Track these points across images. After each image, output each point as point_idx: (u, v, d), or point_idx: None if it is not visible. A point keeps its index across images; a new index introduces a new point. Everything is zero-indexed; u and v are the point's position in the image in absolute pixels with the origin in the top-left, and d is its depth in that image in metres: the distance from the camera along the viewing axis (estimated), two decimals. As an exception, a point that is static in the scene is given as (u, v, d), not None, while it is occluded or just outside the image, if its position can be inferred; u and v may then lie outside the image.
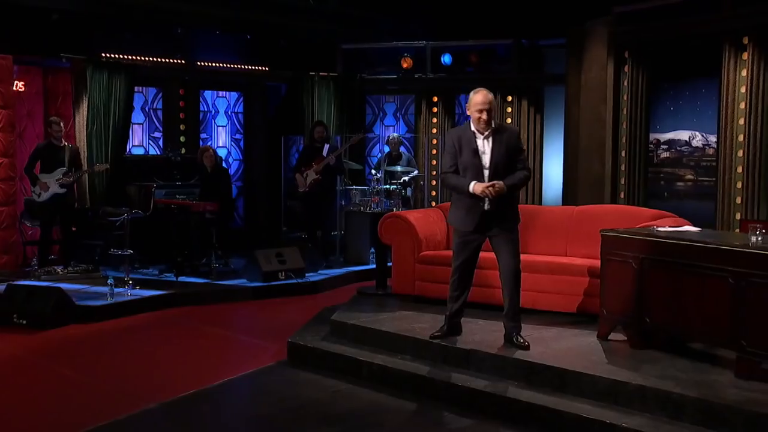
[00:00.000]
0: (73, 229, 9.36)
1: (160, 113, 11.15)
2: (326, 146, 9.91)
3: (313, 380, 5.70)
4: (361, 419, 4.89)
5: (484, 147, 5.41)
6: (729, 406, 4.23)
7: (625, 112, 9.26)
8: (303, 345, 6.14)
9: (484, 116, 5.37)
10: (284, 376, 5.84)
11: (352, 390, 5.46)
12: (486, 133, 5.42)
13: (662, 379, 4.65)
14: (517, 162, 5.48)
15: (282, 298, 8.56)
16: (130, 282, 8.15)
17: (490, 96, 5.45)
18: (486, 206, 5.38)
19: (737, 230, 7.86)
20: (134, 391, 5.42)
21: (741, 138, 8.00)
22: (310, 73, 11.86)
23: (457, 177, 5.48)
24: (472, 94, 5.45)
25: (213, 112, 11.77)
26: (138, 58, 10.53)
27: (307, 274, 9.13)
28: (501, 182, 5.32)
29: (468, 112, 5.49)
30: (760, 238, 4.83)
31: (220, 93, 11.84)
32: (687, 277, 5.00)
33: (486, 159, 5.40)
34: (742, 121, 8.00)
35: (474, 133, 5.44)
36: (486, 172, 5.40)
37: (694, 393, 4.41)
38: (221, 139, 11.77)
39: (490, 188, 5.31)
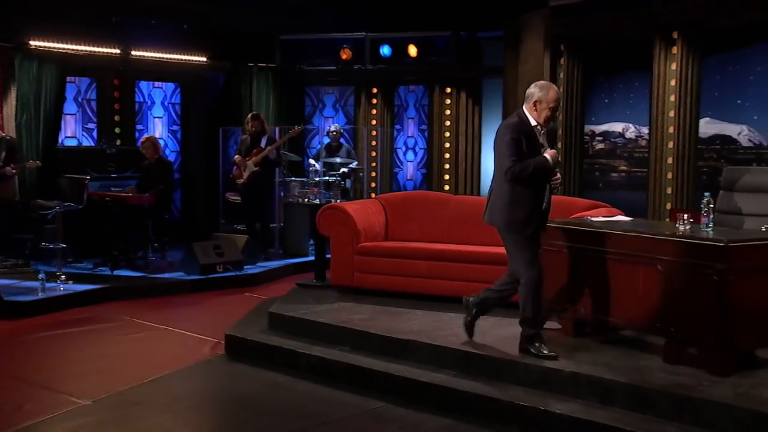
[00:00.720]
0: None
1: (94, 104, 10.89)
2: (264, 138, 9.83)
3: (252, 373, 5.66)
4: (298, 411, 4.88)
5: (544, 143, 5.11)
6: (657, 390, 4.34)
7: (560, 104, 9.38)
8: (241, 338, 6.10)
9: (551, 115, 5.06)
10: (222, 370, 5.80)
11: (290, 382, 5.45)
12: (544, 129, 5.10)
13: (594, 366, 4.75)
14: None
15: (220, 291, 8.47)
16: (63, 276, 7.96)
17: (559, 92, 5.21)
18: (544, 205, 5.12)
19: (667, 219, 8.06)
20: (66, 389, 5.30)
21: (671, 130, 8.21)
22: (249, 64, 11.75)
23: (527, 162, 4.96)
24: (545, 88, 4.99)
25: (149, 103, 11.56)
26: (70, 47, 10.27)
27: (245, 267, 9.06)
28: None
29: (535, 106, 4.97)
30: (687, 227, 4.97)
31: (157, 84, 11.63)
32: (619, 265, 5.12)
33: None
34: (672, 114, 8.20)
35: (535, 128, 5.01)
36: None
37: (624, 378, 4.51)
38: (158, 131, 11.56)
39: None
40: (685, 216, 5.10)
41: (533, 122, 5.01)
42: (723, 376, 4.47)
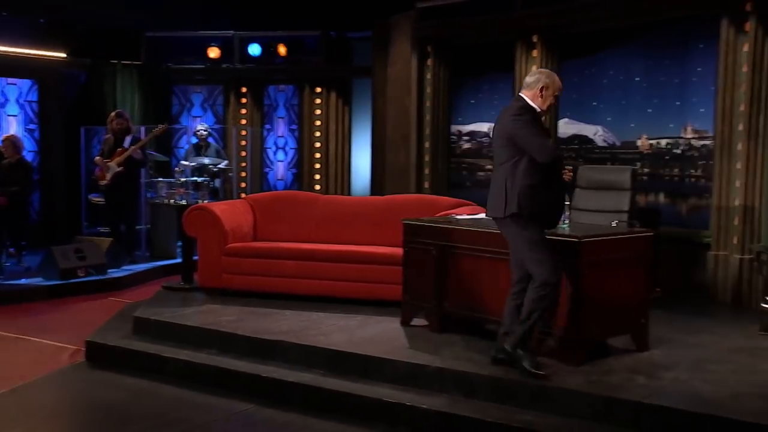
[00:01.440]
0: None
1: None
2: (128, 138, 9.53)
3: (114, 380, 5.47)
4: (163, 417, 4.76)
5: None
6: (517, 381, 4.50)
7: (428, 104, 9.57)
8: (103, 344, 5.89)
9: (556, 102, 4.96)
10: (82, 378, 5.57)
11: (155, 388, 5.30)
12: (544, 117, 4.97)
13: (459, 360, 4.87)
14: None
15: (82, 296, 8.14)
16: None
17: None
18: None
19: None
20: None
21: (532, 130, 8.50)
22: (112, 61, 11.35)
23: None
24: (551, 76, 4.78)
25: (2, 100, 10.97)
26: None
27: (110, 271, 8.75)
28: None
29: (541, 92, 4.70)
30: (545, 224, 5.16)
31: (11, 80, 11.05)
32: (482, 262, 5.27)
33: None
34: (533, 114, 8.49)
35: (539, 114, 4.77)
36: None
37: (487, 371, 4.65)
38: (12, 130, 10.97)
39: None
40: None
41: (537, 108, 4.74)
42: (578, 365, 4.68)
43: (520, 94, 4.81)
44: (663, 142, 7.73)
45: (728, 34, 6.83)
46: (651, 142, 7.83)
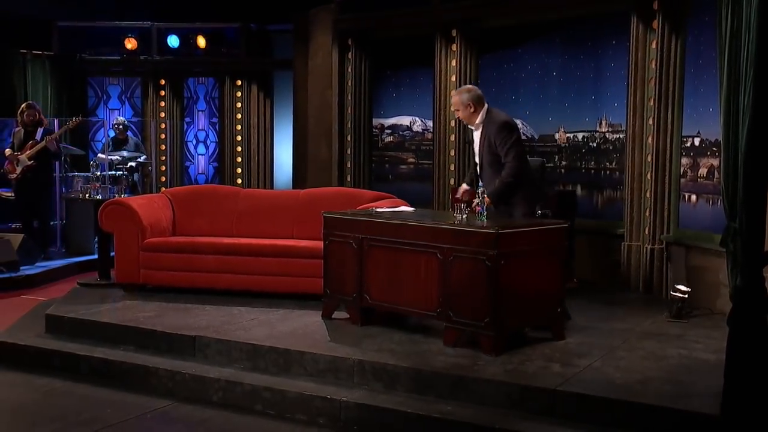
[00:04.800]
0: None
1: None
2: (40, 130, 9.24)
3: (25, 381, 5.30)
4: (76, 417, 4.64)
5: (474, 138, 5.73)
6: (437, 372, 4.55)
7: (350, 97, 9.57)
8: (12, 344, 5.70)
9: (458, 116, 5.78)
10: (-10, 379, 5.39)
11: (69, 387, 5.17)
12: (472, 127, 5.74)
13: (379, 353, 4.89)
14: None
15: (-7, 294, 7.87)
16: None
17: (456, 98, 5.71)
18: None
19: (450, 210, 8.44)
20: None
21: (452, 123, 8.60)
22: (22, 51, 10.97)
23: None
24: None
25: None
26: None
27: (22, 268, 8.47)
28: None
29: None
30: (464, 216, 5.24)
31: None
32: (402, 254, 5.29)
33: (476, 151, 5.63)
34: (452, 108, 8.57)
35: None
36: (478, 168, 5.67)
37: (406, 363, 4.68)
38: None
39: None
40: (463, 206, 5.38)
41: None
42: (495, 355, 4.76)
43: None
44: (580, 135, 7.91)
45: (637, 30, 7.03)
46: (568, 135, 8.02)
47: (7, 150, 9.25)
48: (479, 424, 4.15)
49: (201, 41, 11.62)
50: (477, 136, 5.70)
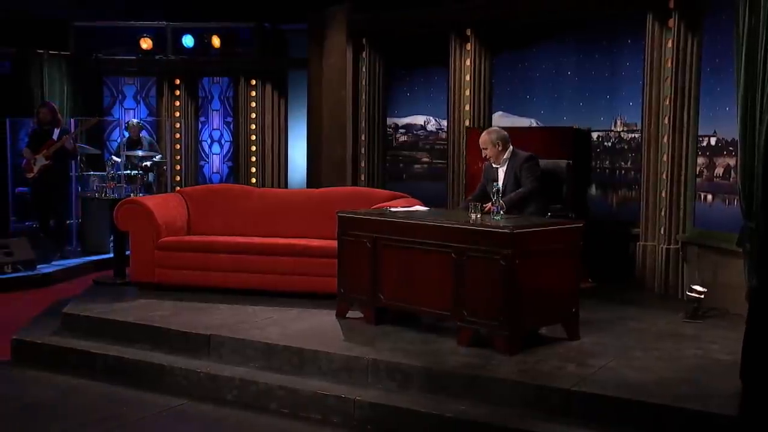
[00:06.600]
0: None
1: None
2: (57, 130, 9.30)
3: (42, 378, 5.35)
4: (95, 414, 4.68)
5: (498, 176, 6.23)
6: (450, 372, 4.55)
7: (364, 97, 9.56)
8: (30, 341, 5.74)
9: (486, 154, 6.25)
10: (7, 377, 5.43)
11: (85, 385, 5.20)
12: (497, 165, 6.28)
13: (393, 352, 4.89)
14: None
15: (9, 293, 7.89)
16: None
17: (485, 137, 6.22)
18: None
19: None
20: None
21: (467, 123, 8.58)
22: (39, 51, 11.04)
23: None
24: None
25: (-77, 91, 10.60)
26: None
27: (38, 266, 8.54)
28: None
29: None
30: (478, 216, 5.23)
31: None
32: (415, 254, 5.29)
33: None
34: (467, 107, 8.57)
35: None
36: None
37: (420, 362, 4.68)
38: (-69, 121, 10.62)
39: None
40: (477, 205, 5.37)
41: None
42: (510, 355, 4.75)
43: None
44: (594, 135, 7.88)
45: (653, 29, 7.00)
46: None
47: (26, 150, 9.32)
48: (493, 424, 4.14)
49: (216, 41, 11.66)
50: (501, 172, 6.22)
